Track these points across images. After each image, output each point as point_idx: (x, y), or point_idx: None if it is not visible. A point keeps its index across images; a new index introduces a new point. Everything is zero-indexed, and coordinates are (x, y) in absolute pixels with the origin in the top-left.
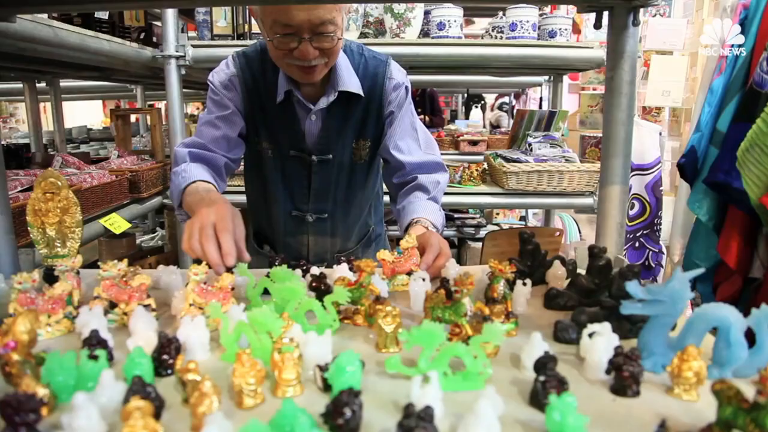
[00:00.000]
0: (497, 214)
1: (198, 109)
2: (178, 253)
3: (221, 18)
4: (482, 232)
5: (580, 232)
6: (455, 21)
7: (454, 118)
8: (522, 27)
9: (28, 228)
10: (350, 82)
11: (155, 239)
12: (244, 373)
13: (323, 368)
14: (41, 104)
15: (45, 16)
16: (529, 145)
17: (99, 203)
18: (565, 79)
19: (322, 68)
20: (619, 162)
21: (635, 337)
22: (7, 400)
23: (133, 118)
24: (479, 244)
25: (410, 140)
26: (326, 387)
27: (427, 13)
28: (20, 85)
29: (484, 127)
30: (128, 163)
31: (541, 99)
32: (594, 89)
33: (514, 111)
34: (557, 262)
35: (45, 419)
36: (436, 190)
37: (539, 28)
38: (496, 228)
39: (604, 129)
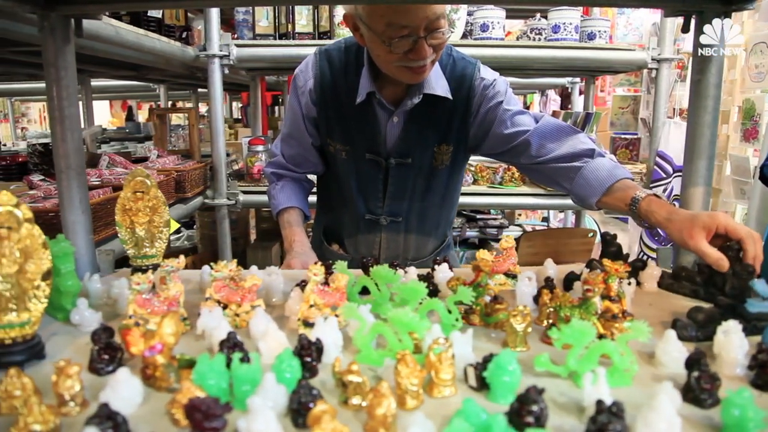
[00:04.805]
0: (519, 215)
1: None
2: (218, 252)
3: (263, 18)
4: (504, 233)
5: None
6: (498, 22)
7: None
8: (565, 29)
9: (117, 228)
10: (437, 84)
11: (181, 239)
12: (408, 374)
13: (477, 367)
14: (42, 104)
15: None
16: None
17: None
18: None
19: (430, 66)
20: (704, 164)
21: (750, 335)
22: (195, 405)
23: (141, 118)
24: None
25: (524, 117)
26: (481, 386)
27: (469, 14)
28: (42, 85)
29: None
30: (170, 162)
31: (564, 99)
32: (636, 90)
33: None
34: (651, 263)
35: None
36: (598, 148)
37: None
38: (518, 229)
39: (688, 131)
